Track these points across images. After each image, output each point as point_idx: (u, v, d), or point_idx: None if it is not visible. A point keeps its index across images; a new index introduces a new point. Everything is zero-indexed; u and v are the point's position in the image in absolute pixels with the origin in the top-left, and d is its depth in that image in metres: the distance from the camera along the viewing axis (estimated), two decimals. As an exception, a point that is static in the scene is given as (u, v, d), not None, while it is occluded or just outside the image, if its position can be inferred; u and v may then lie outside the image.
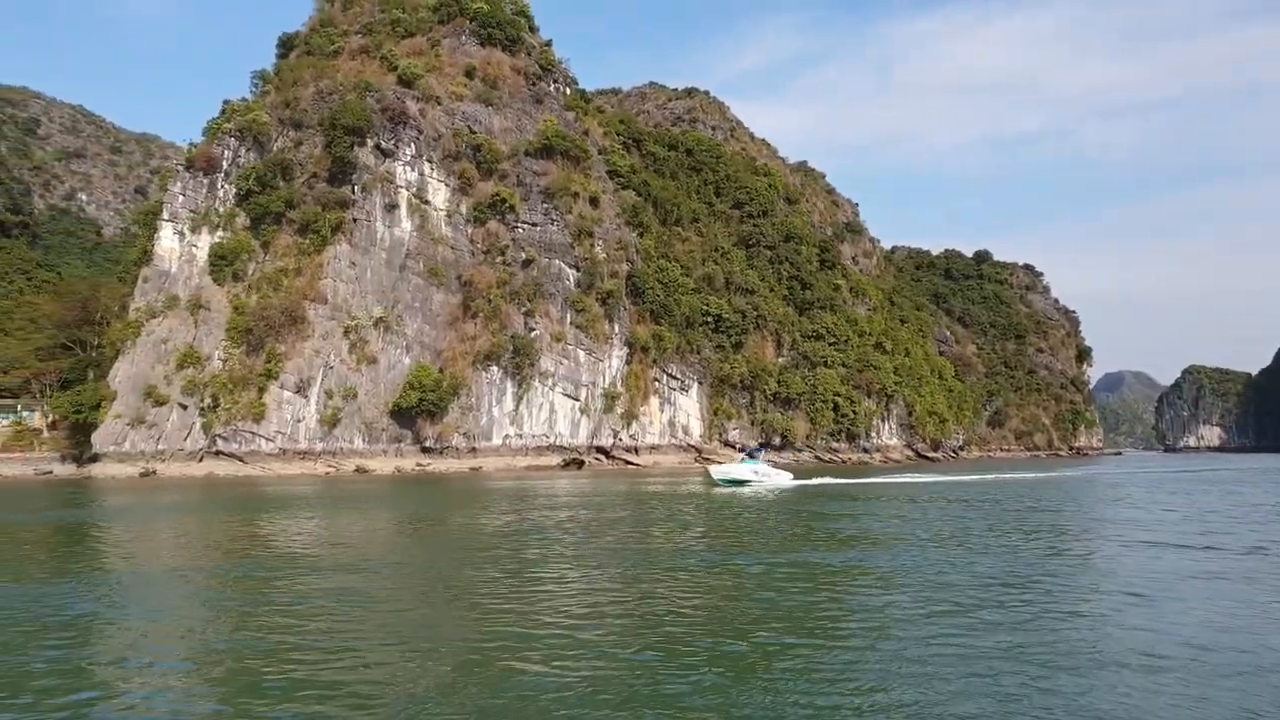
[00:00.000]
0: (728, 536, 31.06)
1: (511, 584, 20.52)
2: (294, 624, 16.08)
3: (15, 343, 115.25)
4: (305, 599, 18.64)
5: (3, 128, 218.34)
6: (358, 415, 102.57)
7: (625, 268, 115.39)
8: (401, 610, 17.74)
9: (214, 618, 17.07)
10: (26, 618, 16.61)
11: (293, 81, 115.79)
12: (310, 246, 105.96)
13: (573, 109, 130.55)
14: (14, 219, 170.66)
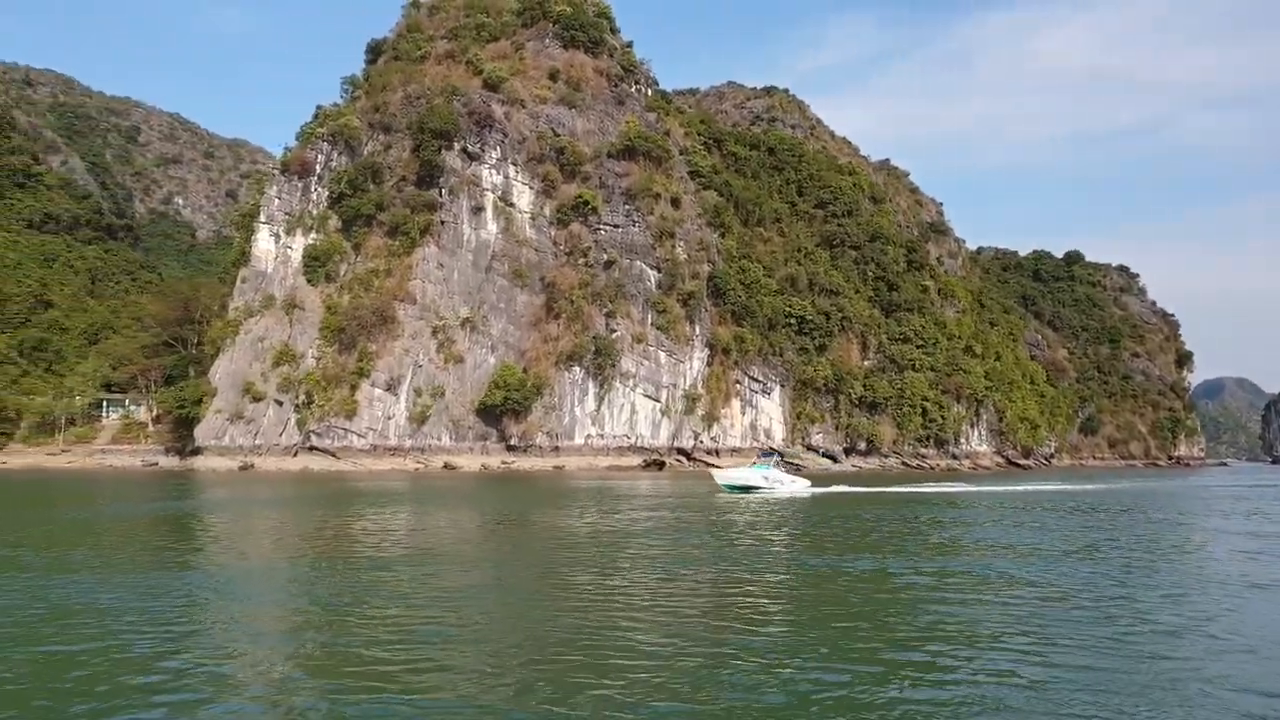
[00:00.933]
0: (822, 541, 31.29)
1: (596, 584, 20.84)
2: (384, 620, 16.64)
3: (123, 340, 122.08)
4: (396, 595, 19.29)
5: (108, 136, 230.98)
6: (445, 413, 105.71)
7: (707, 268, 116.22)
8: (489, 609, 18.15)
9: (308, 612, 17.69)
10: (137, 607, 17.60)
11: (382, 86, 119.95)
12: (400, 248, 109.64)
13: (654, 110, 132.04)
14: (119, 223, 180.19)
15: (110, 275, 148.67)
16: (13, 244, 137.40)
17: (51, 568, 23.11)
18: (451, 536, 33.06)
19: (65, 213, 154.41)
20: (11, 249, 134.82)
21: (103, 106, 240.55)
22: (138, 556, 25.82)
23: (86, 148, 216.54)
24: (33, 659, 13.84)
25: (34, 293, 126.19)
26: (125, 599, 18.39)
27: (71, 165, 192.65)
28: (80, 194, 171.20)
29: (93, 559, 25.22)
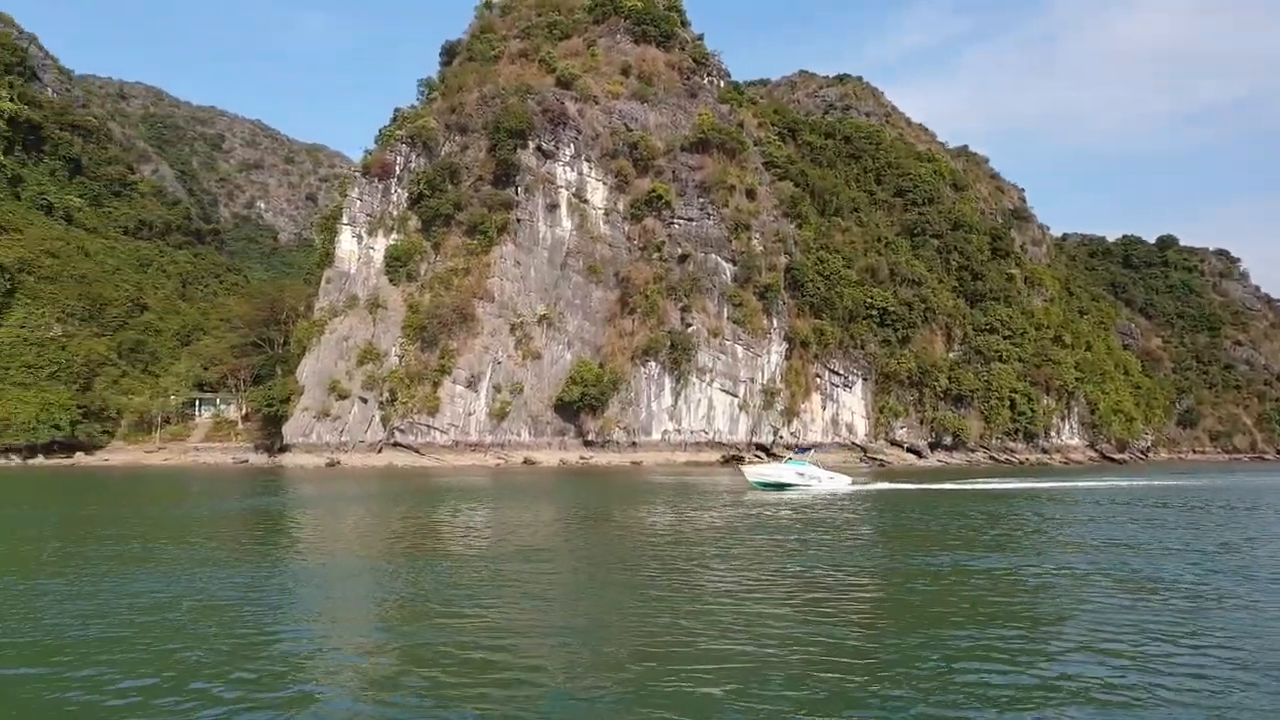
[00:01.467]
0: (908, 539, 30.89)
1: (682, 581, 20.92)
2: (467, 613, 17.10)
3: (213, 341, 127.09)
4: (488, 591, 19.80)
5: (195, 145, 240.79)
6: (524, 409, 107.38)
7: (784, 260, 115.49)
8: (570, 605, 18.50)
9: (402, 607, 18.24)
10: (232, 600, 18.46)
11: (457, 88, 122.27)
12: (478, 247, 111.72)
13: (727, 101, 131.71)
14: (206, 228, 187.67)
15: (200, 279, 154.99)
16: (111, 250, 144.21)
17: (169, 560, 24.39)
18: (539, 532, 33.69)
19: (158, 219, 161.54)
20: (110, 255, 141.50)
21: (190, 116, 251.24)
22: (244, 551, 27.02)
23: (175, 156, 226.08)
24: (147, 647, 14.59)
25: (131, 297, 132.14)
26: (220, 593, 19.20)
27: (162, 173, 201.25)
28: (171, 201, 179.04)
29: (205, 552, 26.52)
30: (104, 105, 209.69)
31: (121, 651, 14.23)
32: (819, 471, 57.14)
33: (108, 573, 22.25)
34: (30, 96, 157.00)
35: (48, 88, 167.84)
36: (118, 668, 13.43)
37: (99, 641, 14.80)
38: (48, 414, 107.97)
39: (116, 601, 18.26)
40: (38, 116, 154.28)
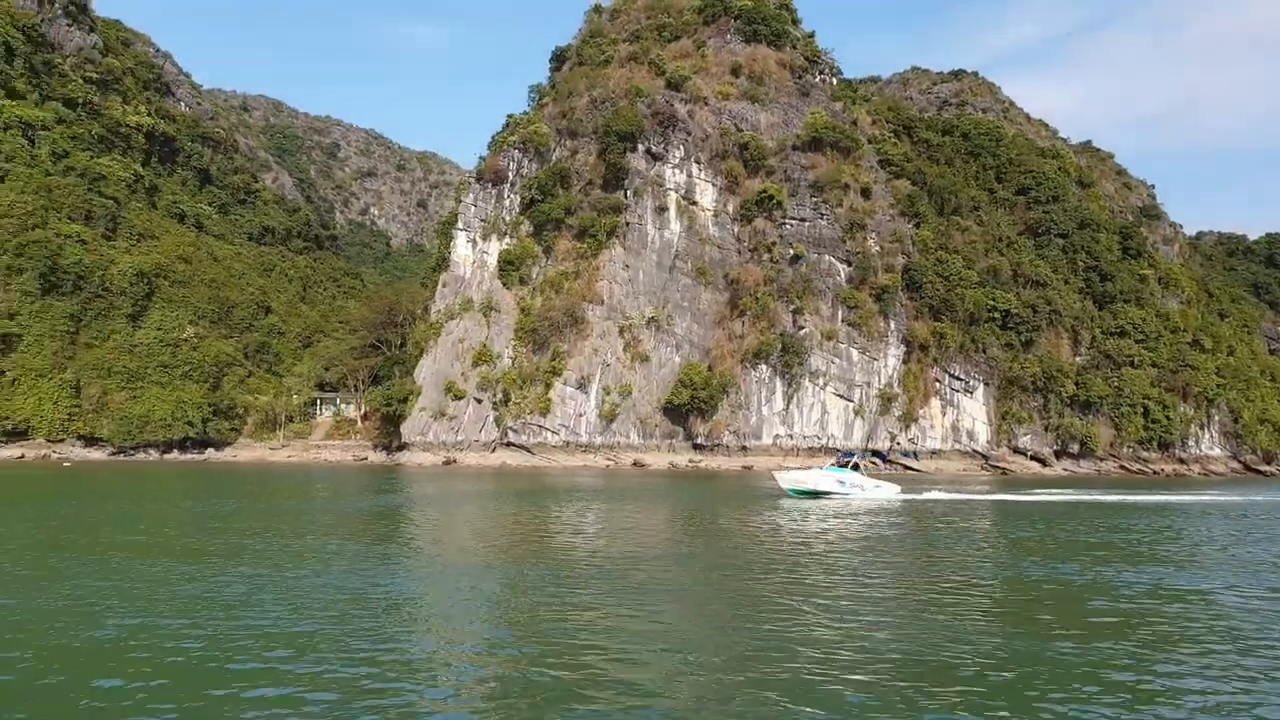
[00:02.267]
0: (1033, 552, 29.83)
1: (791, 591, 20.65)
2: (579, 618, 17.16)
3: (333, 342, 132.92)
4: (593, 593, 19.94)
5: (312, 153, 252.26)
6: (633, 411, 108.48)
7: (901, 261, 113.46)
8: (682, 611, 18.37)
9: (507, 605, 18.68)
10: (352, 599, 19.04)
11: (568, 93, 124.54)
12: (587, 250, 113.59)
13: (840, 100, 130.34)
14: (325, 233, 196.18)
15: (319, 283, 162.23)
16: (237, 256, 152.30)
17: (298, 556, 25.67)
18: (653, 535, 33.78)
19: (280, 226, 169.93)
20: (237, 260, 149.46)
21: (307, 126, 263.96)
22: (355, 550, 27.81)
23: (294, 165, 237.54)
24: (273, 643, 15.21)
25: (256, 300, 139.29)
26: (342, 591, 19.94)
27: (282, 182, 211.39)
28: (292, 208, 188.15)
29: (339, 549, 27.82)
30: (229, 117, 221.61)
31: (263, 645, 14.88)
32: (862, 479, 54.05)
33: (255, 567, 23.64)
34: (165, 111, 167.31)
35: (180, 102, 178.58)
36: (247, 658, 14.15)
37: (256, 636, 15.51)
38: (182, 412, 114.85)
39: (307, 595, 19.30)
40: (172, 130, 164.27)
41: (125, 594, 19.00)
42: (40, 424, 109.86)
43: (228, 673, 13.24)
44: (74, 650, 14.42)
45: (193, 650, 14.37)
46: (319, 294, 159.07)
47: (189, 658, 14.01)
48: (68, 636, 15.24)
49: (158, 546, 27.51)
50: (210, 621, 16.36)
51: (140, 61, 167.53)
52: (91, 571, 21.90)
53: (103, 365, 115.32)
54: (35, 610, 17.08)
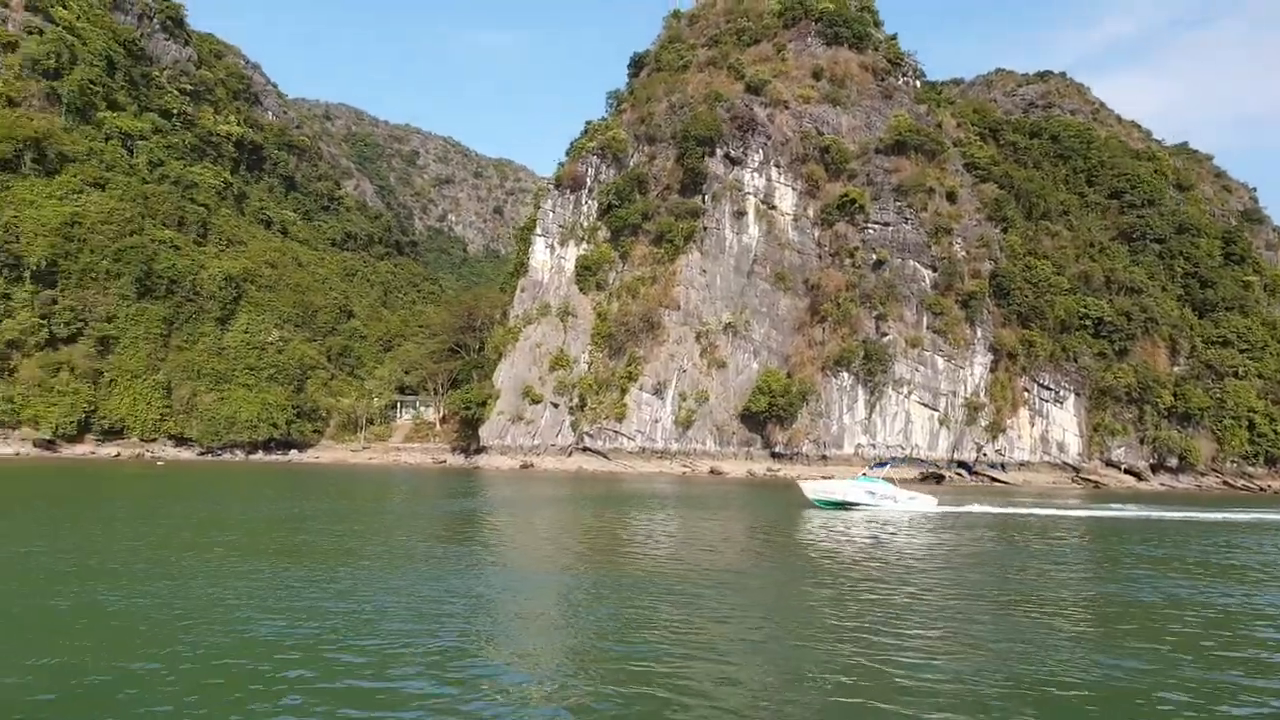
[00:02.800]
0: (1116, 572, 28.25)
1: (868, 608, 19.92)
2: (667, 629, 16.86)
3: (413, 346, 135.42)
4: (681, 604, 19.50)
5: (392, 161, 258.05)
6: (709, 418, 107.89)
7: (988, 266, 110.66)
8: (757, 623, 17.88)
9: (582, 614, 18.44)
10: (432, 602, 19.01)
11: (646, 98, 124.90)
12: (664, 255, 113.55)
13: (923, 102, 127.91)
14: (405, 239, 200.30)
15: (399, 288, 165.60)
16: (320, 261, 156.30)
17: (381, 558, 25.91)
18: (738, 545, 32.90)
19: (362, 232, 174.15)
20: (320, 265, 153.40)
21: (387, 134, 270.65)
22: (435, 553, 27.92)
23: (374, 172, 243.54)
24: (355, 643, 15.28)
25: (339, 304, 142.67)
26: (424, 594, 19.91)
27: (363, 189, 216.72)
28: (373, 214, 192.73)
29: (421, 551, 27.97)
30: (312, 126, 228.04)
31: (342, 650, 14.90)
32: (895, 490, 51.49)
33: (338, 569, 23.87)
34: (253, 120, 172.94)
35: (268, 111, 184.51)
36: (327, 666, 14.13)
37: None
38: (267, 413, 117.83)
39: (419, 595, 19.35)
40: (259, 138, 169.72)
41: (260, 596, 19.31)
42: (135, 424, 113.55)
43: (385, 689, 13.20)
44: (228, 651, 14.56)
45: (355, 663, 14.35)
46: (399, 299, 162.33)
47: (350, 667, 14.04)
48: (220, 636, 15.39)
49: (275, 548, 28.04)
50: (348, 629, 16.38)
51: (231, 73, 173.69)
52: (221, 571, 22.36)
53: (192, 367, 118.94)
54: (178, 610, 17.33)
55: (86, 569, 21.76)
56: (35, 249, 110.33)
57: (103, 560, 23.28)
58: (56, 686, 12.48)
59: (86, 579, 20.31)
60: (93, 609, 17.24)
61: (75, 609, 17.28)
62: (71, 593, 18.73)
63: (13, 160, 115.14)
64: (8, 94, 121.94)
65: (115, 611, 17.07)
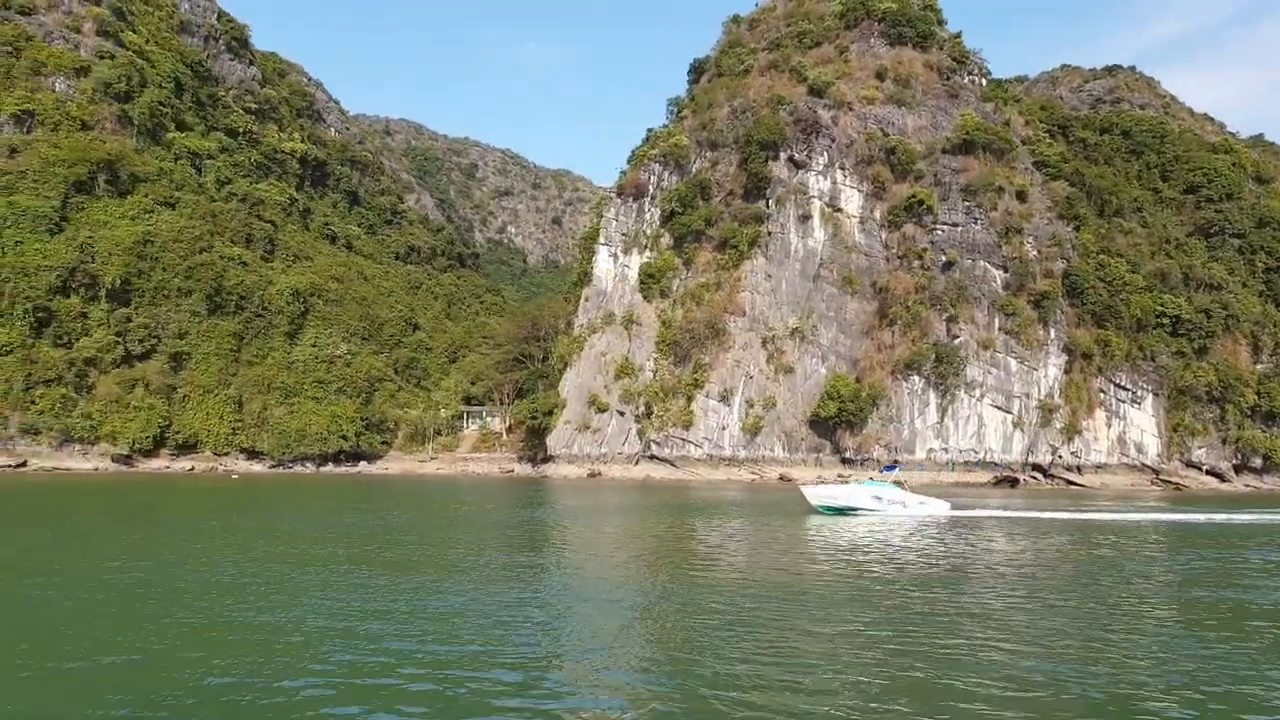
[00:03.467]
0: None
1: (957, 617, 19.30)
2: (747, 641, 16.63)
3: (478, 358, 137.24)
4: (760, 614, 19.25)
5: (451, 174, 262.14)
6: (777, 424, 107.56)
7: (1060, 266, 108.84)
8: (833, 634, 17.50)
9: (654, 623, 18.39)
10: (495, 616, 18.94)
11: (707, 104, 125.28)
12: (728, 261, 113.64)
13: (990, 100, 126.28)
14: (467, 251, 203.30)
15: (462, 299, 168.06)
16: (385, 274, 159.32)
17: (497, 571, 26.31)
18: (820, 554, 31.92)
19: (425, 245, 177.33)
20: (385, 279, 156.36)
21: (446, 147, 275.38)
22: (529, 564, 28.12)
23: (434, 186, 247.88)
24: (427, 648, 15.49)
25: (404, 317, 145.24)
26: (488, 609, 19.79)
27: (424, 202, 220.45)
28: (435, 227, 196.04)
29: (526, 561, 28.30)
30: (373, 141, 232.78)
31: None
32: (903, 494, 49.39)
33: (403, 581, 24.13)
34: (316, 136, 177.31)
35: (330, 128, 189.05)
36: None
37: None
38: (336, 426, 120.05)
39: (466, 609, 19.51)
40: (322, 154, 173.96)
41: (371, 609, 19.68)
42: (208, 438, 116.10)
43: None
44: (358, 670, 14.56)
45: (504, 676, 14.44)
46: (462, 310, 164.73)
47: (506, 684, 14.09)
48: (348, 653, 15.50)
49: (372, 558, 28.56)
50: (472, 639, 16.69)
51: (294, 90, 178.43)
52: (324, 583, 22.83)
53: (263, 381, 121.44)
54: (303, 626, 17.53)
55: (211, 584, 22.27)
56: (110, 268, 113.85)
57: (221, 575, 23.80)
58: (228, 703, 12.71)
59: (213, 594, 20.79)
60: (233, 625, 17.56)
61: (216, 624, 17.59)
62: (203, 608, 19.12)
63: (87, 182, 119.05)
64: (81, 118, 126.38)
65: (254, 626, 17.40)
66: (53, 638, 16.20)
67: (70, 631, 16.68)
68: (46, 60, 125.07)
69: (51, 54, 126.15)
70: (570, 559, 30.89)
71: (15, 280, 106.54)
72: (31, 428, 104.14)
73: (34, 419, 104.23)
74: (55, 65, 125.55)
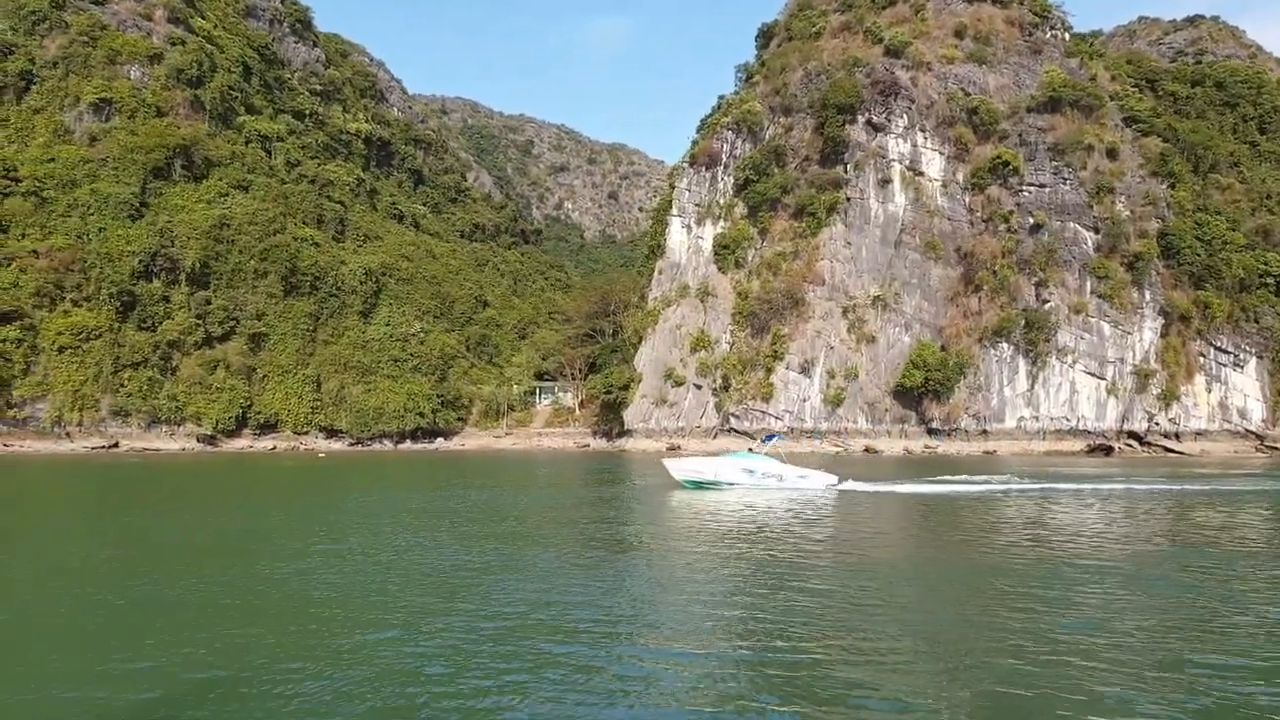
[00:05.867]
0: None
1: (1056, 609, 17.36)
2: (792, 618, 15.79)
3: (549, 333, 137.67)
4: (862, 596, 18.00)
5: (508, 152, 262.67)
6: (860, 395, 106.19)
7: (1155, 225, 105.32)
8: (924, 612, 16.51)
9: (725, 602, 17.52)
10: (579, 594, 18.30)
11: (779, 68, 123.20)
12: (806, 229, 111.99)
13: (1074, 55, 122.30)
14: (529, 228, 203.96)
15: (528, 276, 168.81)
16: (452, 253, 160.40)
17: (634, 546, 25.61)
18: (923, 533, 29.84)
19: (489, 222, 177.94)
20: (453, 257, 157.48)
21: (502, 125, 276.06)
22: (575, 543, 26.44)
23: (492, 164, 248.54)
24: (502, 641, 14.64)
25: (473, 294, 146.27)
26: (571, 590, 18.95)
27: (482, 180, 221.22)
28: (498, 205, 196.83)
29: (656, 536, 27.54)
30: (432, 120, 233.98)
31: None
32: (781, 467, 44.74)
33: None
34: (380, 116, 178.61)
35: (393, 108, 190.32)
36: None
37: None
38: (413, 403, 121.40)
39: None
40: (386, 134, 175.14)
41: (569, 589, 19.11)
42: (288, 417, 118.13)
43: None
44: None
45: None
46: (528, 287, 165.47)
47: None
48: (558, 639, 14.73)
49: (527, 536, 28.16)
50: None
51: (357, 71, 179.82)
52: (509, 565, 21.98)
53: (339, 360, 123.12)
54: (512, 608, 16.77)
55: (468, 565, 21.73)
56: (189, 252, 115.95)
57: (381, 557, 23.01)
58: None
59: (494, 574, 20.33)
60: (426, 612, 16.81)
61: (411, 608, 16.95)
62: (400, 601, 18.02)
63: (164, 168, 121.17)
64: (156, 104, 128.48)
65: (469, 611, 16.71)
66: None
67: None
68: (121, 49, 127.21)
69: (126, 42, 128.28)
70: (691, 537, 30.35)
71: (101, 266, 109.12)
72: (121, 410, 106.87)
73: (123, 401, 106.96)
74: (130, 53, 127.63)
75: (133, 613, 16.37)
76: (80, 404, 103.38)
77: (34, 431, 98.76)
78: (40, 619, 16.02)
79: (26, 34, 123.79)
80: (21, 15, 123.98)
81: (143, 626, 15.24)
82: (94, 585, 18.99)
